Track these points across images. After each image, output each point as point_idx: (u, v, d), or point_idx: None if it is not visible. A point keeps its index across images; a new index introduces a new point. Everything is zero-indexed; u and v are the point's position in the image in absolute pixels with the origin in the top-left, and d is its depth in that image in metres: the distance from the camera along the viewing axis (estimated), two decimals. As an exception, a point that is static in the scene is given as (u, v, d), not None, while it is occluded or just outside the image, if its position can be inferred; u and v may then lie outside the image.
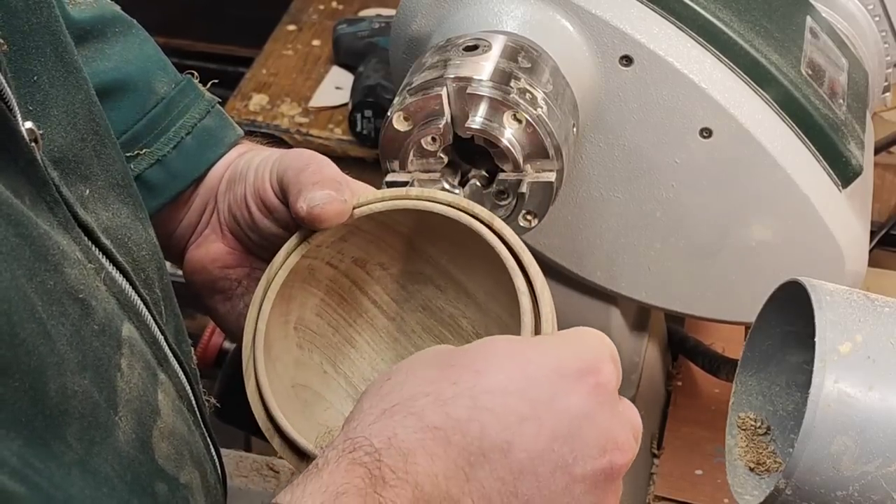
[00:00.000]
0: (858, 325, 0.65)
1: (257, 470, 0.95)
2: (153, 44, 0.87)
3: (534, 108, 0.79)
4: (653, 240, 0.93)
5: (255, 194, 0.78)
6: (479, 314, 0.77)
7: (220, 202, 0.82)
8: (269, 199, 0.77)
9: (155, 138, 0.82)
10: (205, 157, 0.83)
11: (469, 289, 0.77)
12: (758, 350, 0.73)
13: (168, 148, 0.82)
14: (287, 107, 1.58)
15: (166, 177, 0.82)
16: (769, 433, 0.73)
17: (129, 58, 0.83)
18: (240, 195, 0.79)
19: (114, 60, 0.82)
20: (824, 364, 0.63)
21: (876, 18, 1.03)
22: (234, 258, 0.81)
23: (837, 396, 0.63)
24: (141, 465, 0.58)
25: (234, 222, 0.81)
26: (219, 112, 0.85)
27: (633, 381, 1.07)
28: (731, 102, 0.86)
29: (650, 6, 0.86)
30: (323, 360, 0.77)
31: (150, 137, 0.82)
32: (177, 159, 0.82)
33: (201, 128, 0.83)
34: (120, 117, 0.81)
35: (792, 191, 0.87)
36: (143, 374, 0.62)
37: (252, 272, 0.81)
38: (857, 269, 0.91)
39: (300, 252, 0.72)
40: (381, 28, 1.61)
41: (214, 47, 2.31)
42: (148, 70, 0.84)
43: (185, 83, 0.85)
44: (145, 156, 0.82)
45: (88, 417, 0.54)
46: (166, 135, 0.82)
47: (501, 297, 0.73)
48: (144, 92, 0.83)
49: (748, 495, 0.69)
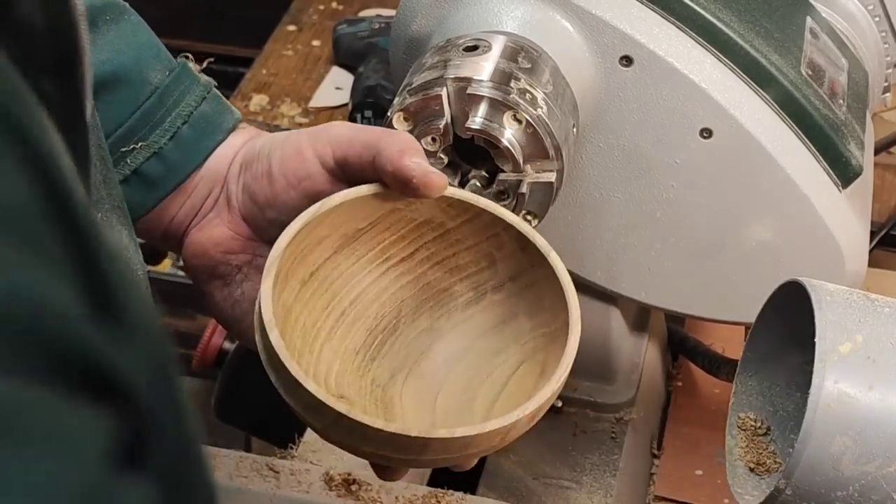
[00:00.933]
0: (858, 325, 0.65)
1: (257, 470, 0.95)
2: (146, 28, 0.84)
3: (534, 109, 0.79)
4: (653, 240, 0.93)
5: (285, 165, 0.77)
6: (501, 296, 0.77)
7: (230, 184, 0.81)
8: (306, 167, 0.77)
9: (150, 130, 0.80)
10: (203, 146, 0.81)
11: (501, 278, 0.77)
12: (758, 350, 0.73)
13: (164, 139, 0.80)
14: (287, 107, 1.58)
15: (165, 169, 0.81)
16: (769, 433, 0.73)
17: (122, 47, 0.81)
18: (260, 172, 0.79)
19: (106, 51, 0.80)
20: (824, 364, 0.63)
21: (876, 18, 1.03)
22: (237, 244, 0.81)
23: (837, 396, 0.63)
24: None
25: (250, 201, 0.80)
26: (215, 96, 0.84)
27: (633, 381, 1.07)
28: (731, 102, 0.86)
29: (650, 6, 0.86)
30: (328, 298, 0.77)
31: (145, 130, 0.80)
32: (174, 150, 0.81)
33: (198, 115, 0.82)
34: (114, 112, 0.80)
35: (792, 191, 0.87)
36: None
37: (254, 259, 0.81)
38: (857, 269, 0.91)
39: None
40: (381, 28, 1.61)
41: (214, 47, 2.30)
42: (141, 59, 0.82)
43: (180, 69, 0.83)
44: (141, 149, 0.80)
45: None
46: (162, 126, 0.80)
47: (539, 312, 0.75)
48: (138, 83, 0.81)
49: (748, 495, 0.69)
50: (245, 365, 1.23)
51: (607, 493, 1.00)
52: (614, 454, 1.03)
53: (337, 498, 0.93)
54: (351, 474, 0.95)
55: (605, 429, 1.05)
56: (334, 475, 0.94)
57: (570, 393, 1.06)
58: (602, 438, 1.04)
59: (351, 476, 0.94)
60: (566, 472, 1.02)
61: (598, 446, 1.04)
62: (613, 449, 1.03)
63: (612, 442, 1.04)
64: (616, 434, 1.05)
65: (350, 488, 0.93)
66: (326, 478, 0.94)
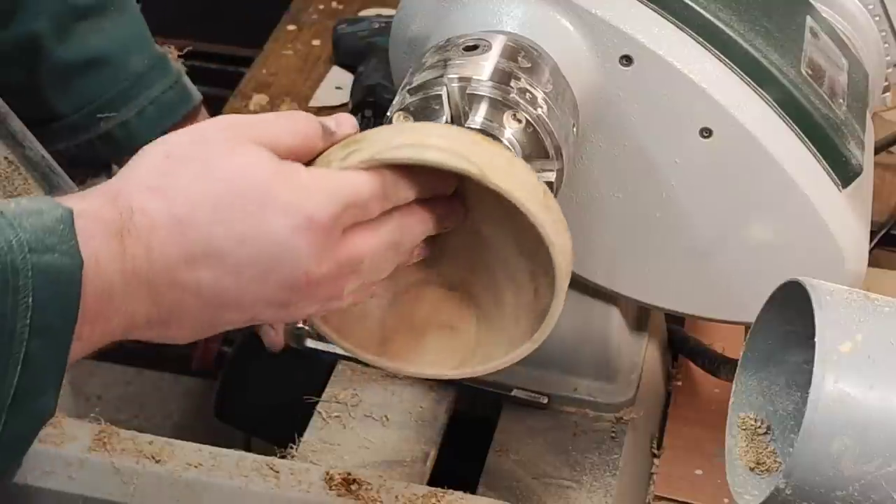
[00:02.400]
0: (858, 325, 0.65)
1: (257, 470, 0.95)
2: (140, 22, 1.10)
3: (534, 108, 0.79)
4: (653, 240, 0.93)
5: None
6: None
7: None
8: None
9: (122, 105, 1.07)
10: (161, 125, 1.07)
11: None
12: (758, 350, 0.73)
13: (131, 114, 1.07)
14: (287, 107, 1.58)
15: (128, 135, 1.07)
16: (769, 433, 0.73)
17: (117, 36, 1.06)
18: None
19: (104, 37, 1.06)
20: (824, 364, 0.63)
21: (876, 18, 1.03)
22: None
23: (837, 396, 0.63)
24: None
25: None
26: (181, 87, 1.10)
27: (632, 381, 1.07)
28: (731, 102, 0.86)
29: (650, 6, 0.86)
30: None
31: (118, 104, 1.06)
32: (138, 123, 1.07)
33: (163, 99, 1.08)
34: (96, 87, 1.06)
35: (792, 191, 0.87)
36: None
37: None
38: (857, 269, 0.91)
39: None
40: (381, 28, 1.61)
41: (214, 47, 2.30)
42: (129, 49, 1.07)
43: (157, 60, 1.09)
44: (112, 118, 1.07)
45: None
46: (132, 103, 1.07)
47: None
48: (121, 68, 1.06)
49: (748, 495, 0.69)
50: (245, 365, 1.23)
51: (607, 492, 1.00)
52: (614, 454, 1.03)
53: (337, 497, 0.93)
54: (351, 474, 0.95)
55: (605, 428, 1.05)
56: (334, 475, 0.94)
57: (570, 393, 1.06)
58: (602, 438, 1.04)
59: (351, 476, 0.94)
60: (566, 471, 1.02)
61: (597, 446, 1.04)
62: (613, 449, 1.03)
63: (612, 442, 1.04)
64: (616, 434, 1.05)
65: (350, 488, 0.93)
66: (326, 478, 0.94)
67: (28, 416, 0.62)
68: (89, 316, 0.62)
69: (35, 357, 0.60)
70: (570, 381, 1.07)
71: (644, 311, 1.09)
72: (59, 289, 0.60)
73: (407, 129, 0.74)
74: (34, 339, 0.59)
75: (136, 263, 0.64)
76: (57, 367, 0.62)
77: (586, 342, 1.05)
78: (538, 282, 0.76)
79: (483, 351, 0.80)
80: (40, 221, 0.60)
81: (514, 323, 0.78)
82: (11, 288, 0.58)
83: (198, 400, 1.96)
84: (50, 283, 0.59)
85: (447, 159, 0.69)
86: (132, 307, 0.65)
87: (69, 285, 0.60)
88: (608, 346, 1.05)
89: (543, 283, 0.76)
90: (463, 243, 0.79)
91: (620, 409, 1.06)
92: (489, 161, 0.70)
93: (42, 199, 0.62)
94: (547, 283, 0.75)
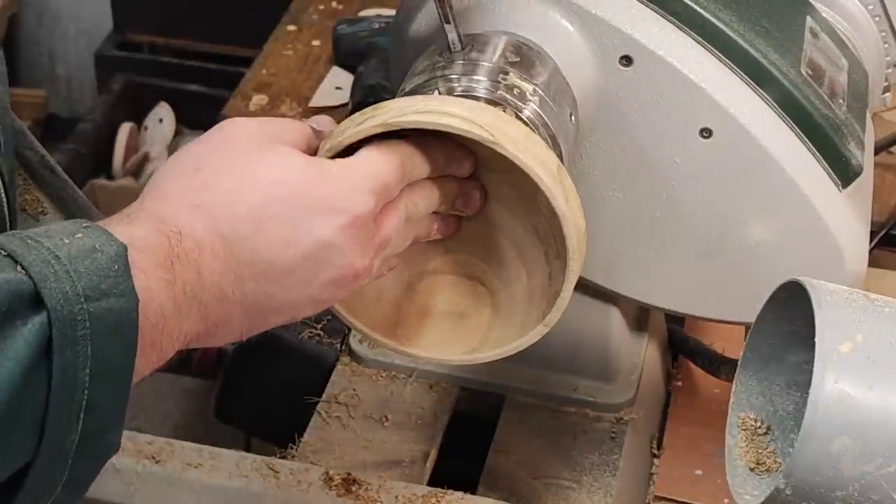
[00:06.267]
0: (858, 325, 0.65)
1: (257, 470, 0.95)
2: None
3: (522, 103, 0.79)
4: (653, 240, 0.93)
5: None
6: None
7: None
8: None
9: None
10: None
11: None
12: (758, 350, 0.73)
13: None
14: (287, 107, 1.58)
15: None
16: (769, 433, 0.73)
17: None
18: None
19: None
20: (824, 364, 0.63)
21: (876, 18, 1.03)
22: None
23: (837, 396, 0.63)
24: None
25: None
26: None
27: (632, 381, 1.07)
28: (731, 102, 0.86)
29: (650, 6, 0.86)
30: None
31: None
32: None
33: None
34: None
35: (792, 191, 0.87)
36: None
37: None
38: (857, 269, 0.91)
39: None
40: (381, 28, 1.61)
41: (214, 47, 2.30)
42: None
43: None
44: None
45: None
46: None
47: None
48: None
49: (748, 495, 0.69)
50: (245, 365, 1.23)
51: (607, 492, 1.00)
52: (614, 454, 1.03)
53: (337, 498, 0.94)
54: (351, 474, 0.95)
55: (605, 429, 1.05)
56: (334, 475, 0.94)
57: (570, 393, 1.06)
58: (602, 438, 1.04)
59: (351, 476, 0.94)
60: (566, 472, 1.02)
61: (598, 446, 1.04)
62: (613, 449, 1.03)
63: (612, 442, 1.04)
64: (616, 434, 1.05)
65: (350, 488, 0.93)
66: (326, 478, 0.94)
67: (93, 456, 0.61)
68: (145, 349, 0.61)
69: (97, 401, 0.59)
70: (570, 381, 1.06)
71: (644, 311, 1.09)
72: (116, 332, 0.59)
73: (420, 99, 0.75)
74: (95, 384, 0.58)
75: (186, 288, 0.63)
76: (119, 405, 0.61)
77: (586, 342, 1.05)
78: (552, 265, 0.77)
79: (494, 338, 0.80)
80: (95, 264, 0.59)
81: (525, 310, 0.79)
82: (70, 341, 0.57)
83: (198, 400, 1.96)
84: (107, 329, 0.58)
85: (463, 125, 0.71)
86: (184, 328, 0.64)
87: (127, 328, 0.59)
88: (608, 347, 1.05)
89: (557, 266, 0.76)
90: (479, 232, 0.80)
91: (620, 410, 1.06)
92: (504, 130, 0.72)
93: (96, 231, 0.61)
94: (559, 266, 0.76)
